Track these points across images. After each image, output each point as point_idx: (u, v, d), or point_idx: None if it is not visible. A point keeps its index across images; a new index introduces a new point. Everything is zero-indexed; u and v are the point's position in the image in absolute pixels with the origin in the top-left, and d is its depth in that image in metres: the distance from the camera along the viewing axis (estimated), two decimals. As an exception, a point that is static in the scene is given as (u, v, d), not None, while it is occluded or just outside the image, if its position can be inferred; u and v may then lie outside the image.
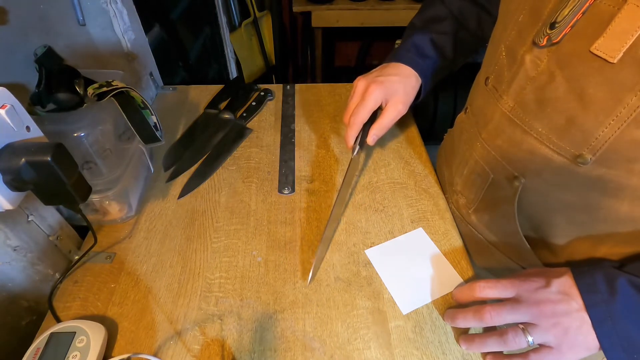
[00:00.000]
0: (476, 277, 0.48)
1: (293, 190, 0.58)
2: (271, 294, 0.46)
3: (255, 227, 0.53)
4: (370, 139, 0.53)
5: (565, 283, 0.36)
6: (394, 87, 0.52)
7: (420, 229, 0.53)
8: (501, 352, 0.39)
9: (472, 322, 0.39)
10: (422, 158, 0.63)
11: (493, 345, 0.37)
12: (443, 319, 0.43)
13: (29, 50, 0.48)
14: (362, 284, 0.47)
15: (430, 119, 1.58)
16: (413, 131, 0.68)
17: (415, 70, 0.55)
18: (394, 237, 0.52)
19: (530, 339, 0.35)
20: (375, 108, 0.53)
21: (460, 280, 0.47)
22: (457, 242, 0.51)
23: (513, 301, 0.37)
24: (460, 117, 0.55)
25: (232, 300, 0.45)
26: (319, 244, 0.49)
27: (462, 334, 0.41)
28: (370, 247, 0.50)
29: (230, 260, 0.49)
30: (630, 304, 0.33)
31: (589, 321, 0.34)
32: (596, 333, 0.33)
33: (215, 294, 0.46)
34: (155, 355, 0.40)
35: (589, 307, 0.34)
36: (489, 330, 0.41)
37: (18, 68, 0.47)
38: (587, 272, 0.36)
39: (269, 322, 0.43)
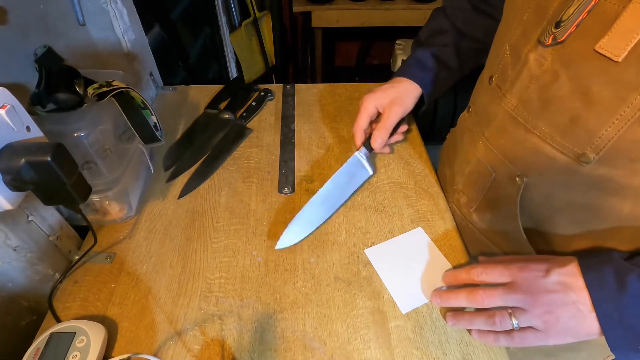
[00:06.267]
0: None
1: (293, 190, 0.58)
2: (271, 294, 0.46)
3: (255, 227, 0.53)
4: (375, 144, 0.57)
5: (567, 273, 0.36)
6: (387, 93, 0.58)
7: (420, 228, 0.53)
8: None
9: (463, 302, 0.41)
10: (422, 158, 0.63)
11: (480, 324, 0.40)
12: (430, 299, 0.44)
13: (29, 50, 0.48)
14: (362, 284, 0.47)
15: (430, 119, 1.58)
16: (413, 131, 0.68)
17: (416, 82, 0.58)
18: (394, 237, 0.52)
19: (515, 322, 0.37)
20: (370, 114, 0.58)
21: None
22: (457, 241, 0.51)
23: (507, 286, 0.38)
24: (463, 116, 0.55)
25: (232, 300, 0.45)
26: None
27: (450, 311, 0.43)
28: (370, 247, 0.50)
29: (230, 260, 0.49)
30: (638, 298, 0.33)
31: (584, 312, 0.35)
32: (602, 327, 0.34)
33: (215, 294, 0.46)
34: (155, 355, 0.40)
35: (597, 303, 0.34)
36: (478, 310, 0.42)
37: (18, 68, 0.47)
38: (595, 265, 0.36)
39: (269, 322, 0.43)
